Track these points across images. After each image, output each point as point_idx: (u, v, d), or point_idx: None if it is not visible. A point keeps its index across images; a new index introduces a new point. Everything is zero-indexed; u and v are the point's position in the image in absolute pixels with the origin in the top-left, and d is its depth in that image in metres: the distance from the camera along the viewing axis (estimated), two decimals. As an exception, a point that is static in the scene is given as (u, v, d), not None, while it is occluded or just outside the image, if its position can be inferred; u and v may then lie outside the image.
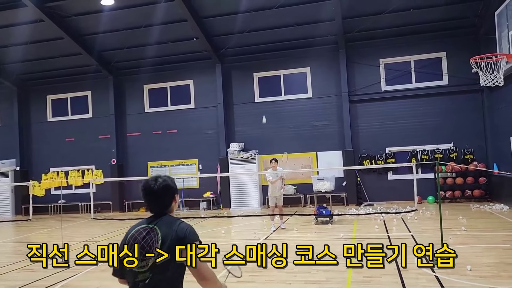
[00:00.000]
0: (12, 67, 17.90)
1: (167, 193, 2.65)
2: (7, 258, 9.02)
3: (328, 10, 14.05)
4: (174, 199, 2.70)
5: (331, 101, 15.88)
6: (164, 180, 2.65)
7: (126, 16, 14.72)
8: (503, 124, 13.11)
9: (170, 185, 2.66)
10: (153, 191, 2.61)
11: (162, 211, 2.65)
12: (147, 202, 2.65)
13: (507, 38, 11.04)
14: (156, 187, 2.60)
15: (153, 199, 2.63)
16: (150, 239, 2.48)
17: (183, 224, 2.59)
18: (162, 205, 2.65)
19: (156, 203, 2.64)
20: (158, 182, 2.62)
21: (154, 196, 2.62)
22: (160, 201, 2.64)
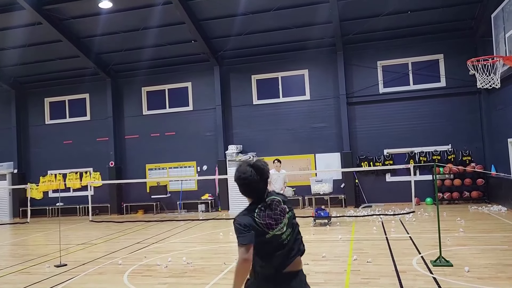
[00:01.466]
0: (10, 70, 17.88)
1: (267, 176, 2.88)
2: (5, 261, 8.99)
3: (326, 13, 14.10)
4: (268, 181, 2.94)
5: (329, 103, 15.91)
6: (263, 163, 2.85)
7: (124, 19, 14.74)
8: (500, 125, 13.16)
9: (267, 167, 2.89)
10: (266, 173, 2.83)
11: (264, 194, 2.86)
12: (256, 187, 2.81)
13: (503, 40, 11.10)
14: (267, 169, 2.84)
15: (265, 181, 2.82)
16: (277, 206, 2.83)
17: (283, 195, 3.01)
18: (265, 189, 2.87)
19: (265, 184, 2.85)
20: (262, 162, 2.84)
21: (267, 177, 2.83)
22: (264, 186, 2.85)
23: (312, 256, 7.67)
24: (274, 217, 2.79)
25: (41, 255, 9.38)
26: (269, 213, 2.79)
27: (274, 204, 2.83)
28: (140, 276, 6.96)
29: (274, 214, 2.80)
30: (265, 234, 2.76)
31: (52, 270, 7.76)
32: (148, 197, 17.17)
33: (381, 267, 6.70)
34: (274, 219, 2.79)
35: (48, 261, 8.61)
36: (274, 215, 2.80)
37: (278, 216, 2.81)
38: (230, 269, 7.04)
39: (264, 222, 2.76)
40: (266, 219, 2.77)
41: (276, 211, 2.81)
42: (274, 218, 2.79)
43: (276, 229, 2.78)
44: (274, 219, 2.79)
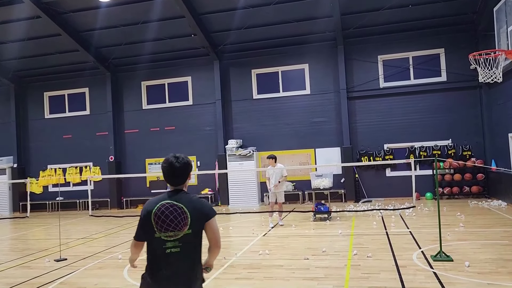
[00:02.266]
0: (9, 64, 17.80)
1: (186, 170, 3.02)
2: (5, 256, 9.00)
3: (326, 7, 14.02)
4: (189, 176, 3.07)
5: (329, 97, 15.86)
6: (184, 158, 3.02)
7: (124, 13, 14.65)
8: (501, 120, 13.12)
9: (189, 162, 3.04)
10: (176, 168, 2.95)
11: (181, 185, 3.01)
12: (168, 178, 2.99)
13: (505, 34, 11.04)
14: (179, 164, 2.96)
15: (175, 175, 2.97)
16: (179, 215, 2.84)
17: (203, 201, 3.02)
18: (181, 180, 3.00)
19: (177, 178, 2.99)
20: (180, 159, 2.98)
21: (177, 173, 2.97)
22: (180, 177, 2.99)
23: (312, 251, 7.67)
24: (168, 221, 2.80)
25: (41, 249, 9.39)
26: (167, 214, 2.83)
27: (175, 207, 2.84)
28: (140, 271, 6.90)
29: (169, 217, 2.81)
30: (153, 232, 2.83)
31: (52, 265, 7.76)
32: (148, 192, 17.17)
33: (381, 262, 6.70)
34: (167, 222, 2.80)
35: (48, 255, 8.61)
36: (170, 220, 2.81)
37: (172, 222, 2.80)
38: (230, 263, 7.03)
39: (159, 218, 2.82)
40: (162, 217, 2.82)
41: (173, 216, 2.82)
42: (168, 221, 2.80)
43: (163, 233, 2.80)
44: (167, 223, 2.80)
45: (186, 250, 2.82)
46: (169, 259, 2.80)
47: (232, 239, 9.71)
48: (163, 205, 2.87)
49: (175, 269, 2.80)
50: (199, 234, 2.90)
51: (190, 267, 2.84)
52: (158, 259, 2.84)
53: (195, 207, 2.88)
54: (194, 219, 2.84)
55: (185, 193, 3.00)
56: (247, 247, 8.40)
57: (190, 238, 2.83)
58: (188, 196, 2.95)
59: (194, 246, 2.88)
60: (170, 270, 2.79)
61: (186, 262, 2.82)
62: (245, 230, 10.65)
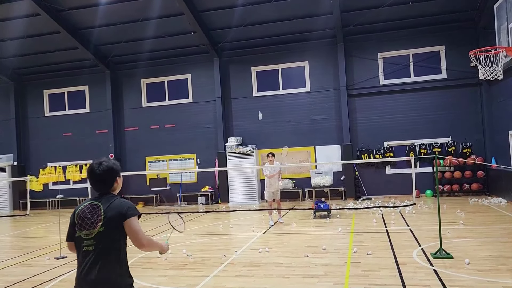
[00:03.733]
0: (9, 62, 17.77)
1: (110, 176, 2.94)
2: (5, 253, 9.00)
3: (326, 4, 13.99)
4: (116, 181, 2.99)
5: (330, 95, 15.84)
6: (107, 164, 2.94)
7: (123, 10, 14.62)
8: (501, 117, 13.10)
9: (112, 168, 2.95)
10: (96, 174, 2.91)
11: (105, 190, 2.95)
12: (91, 184, 2.96)
13: (506, 31, 11.02)
14: (99, 171, 2.91)
15: (97, 180, 2.93)
16: (95, 213, 2.83)
17: (122, 200, 2.92)
18: (105, 186, 2.95)
19: (99, 184, 2.94)
20: (102, 165, 2.92)
21: (97, 178, 2.92)
22: (103, 183, 2.94)
23: (312, 249, 7.67)
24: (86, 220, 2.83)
25: (41, 247, 9.39)
26: (86, 213, 2.85)
27: (93, 206, 2.86)
28: (140, 268, 6.95)
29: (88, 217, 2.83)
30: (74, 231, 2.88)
31: (52, 262, 7.77)
32: (148, 190, 17.17)
33: (381, 259, 6.70)
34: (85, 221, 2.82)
35: (48, 253, 8.62)
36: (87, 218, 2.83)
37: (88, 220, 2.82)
38: (230, 261, 7.03)
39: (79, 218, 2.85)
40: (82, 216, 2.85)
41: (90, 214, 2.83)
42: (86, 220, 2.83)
43: (82, 232, 2.82)
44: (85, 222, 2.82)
45: (100, 248, 2.77)
46: (85, 257, 2.78)
47: (232, 237, 9.71)
48: (86, 206, 2.89)
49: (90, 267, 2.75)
50: (115, 233, 2.81)
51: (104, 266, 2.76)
52: (79, 257, 2.84)
53: (112, 206, 2.84)
54: (108, 217, 2.79)
55: (110, 195, 2.94)
56: (247, 244, 8.40)
57: (103, 236, 2.77)
58: (110, 197, 2.91)
59: (109, 245, 2.80)
60: (86, 268, 2.76)
61: (100, 261, 2.76)
62: (245, 228, 10.66)
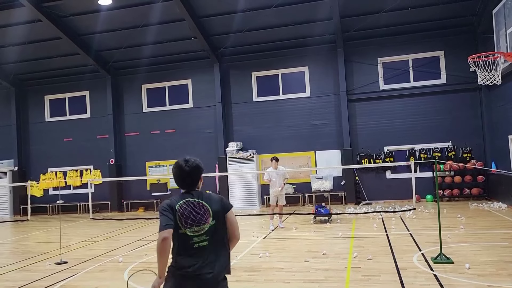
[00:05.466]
0: (10, 67, 17.84)
1: (197, 174, 3.06)
2: (6, 259, 9.01)
3: (326, 9, 14.06)
4: (201, 179, 3.11)
5: (330, 100, 15.88)
6: (194, 161, 3.06)
7: (124, 16, 14.70)
8: (501, 122, 13.13)
9: (199, 165, 3.08)
10: (185, 171, 3.00)
11: (193, 187, 3.05)
12: (179, 182, 3.03)
13: (504, 36, 11.06)
14: (188, 168, 3.01)
15: (186, 177, 3.01)
16: (200, 209, 2.91)
17: (214, 194, 3.12)
18: (193, 183, 3.04)
19: (189, 181, 3.03)
20: (189, 162, 3.03)
21: (187, 175, 3.00)
22: (192, 179, 3.04)
23: (312, 253, 7.68)
24: (192, 216, 2.86)
25: (41, 252, 9.39)
26: (190, 210, 2.89)
27: (195, 203, 2.93)
28: (139, 273, 6.95)
29: (194, 214, 2.87)
30: (178, 229, 2.85)
31: (52, 268, 7.77)
32: (149, 195, 17.17)
33: (381, 264, 6.70)
34: (191, 218, 2.86)
35: (48, 258, 8.62)
36: (193, 215, 2.87)
37: (197, 217, 2.87)
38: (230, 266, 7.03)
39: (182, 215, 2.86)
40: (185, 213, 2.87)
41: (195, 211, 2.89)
42: (191, 217, 2.86)
43: (189, 229, 2.84)
44: (191, 218, 2.86)
45: (215, 242, 2.90)
46: (199, 253, 2.84)
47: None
48: (184, 203, 2.92)
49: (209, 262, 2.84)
50: (223, 226, 2.97)
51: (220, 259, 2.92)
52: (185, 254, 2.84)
53: (213, 200, 2.98)
54: (215, 210, 2.93)
55: (198, 191, 3.06)
56: (247, 249, 8.41)
57: (216, 230, 2.91)
58: (202, 193, 3.04)
59: (221, 238, 2.96)
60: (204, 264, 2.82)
61: (217, 254, 2.90)
62: (246, 233, 10.65)
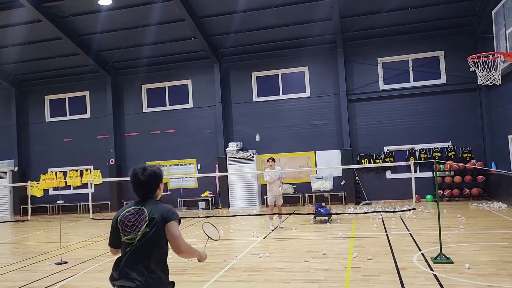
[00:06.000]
0: (10, 68, 17.85)
1: (154, 182, 3.00)
2: (5, 259, 9.01)
3: (326, 9, 14.06)
4: (159, 187, 3.06)
5: (329, 100, 15.89)
6: (151, 170, 2.99)
7: (124, 16, 14.70)
8: (501, 122, 13.14)
9: (156, 174, 3.01)
10: (141, 181, 2.95)
11: (148, 196, 2.99)
12: (135, 189, 2.99)
13: (504, 36, 11.07)
14: (144, 177, 2.95)
15: (141, 187, 2.96)
16: (139, 217, 2.88)
17: (165, 204, 2.98)
18: (148, 192, 2.99)
19: (143, 190, 2.98)
20: (146, 172, 2.96)
21: (142, 185, 2.96)
22: (147, 189, 2.98)
23: (312, 253, 7.68)
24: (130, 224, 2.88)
25: (41, 252, 9.39)
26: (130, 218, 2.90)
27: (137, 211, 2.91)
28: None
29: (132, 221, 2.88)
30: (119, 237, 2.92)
31: (52, 268, 7.77)
32: (149, 195, 17.15)
33: (381, 264, 6.70)
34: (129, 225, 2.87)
35: (48, 258, 8.62)
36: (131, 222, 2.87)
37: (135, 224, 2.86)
38: (230, 266, 7.04)
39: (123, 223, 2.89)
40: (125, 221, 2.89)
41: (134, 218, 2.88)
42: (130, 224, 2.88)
43: (126, 236, 2.87)
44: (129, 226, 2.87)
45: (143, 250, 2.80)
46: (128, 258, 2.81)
47: (233, 242, 9.72)
48: (128, 211, 2.92)
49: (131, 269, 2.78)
50: (159, 235, 2.83)
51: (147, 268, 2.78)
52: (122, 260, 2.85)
53: (156, 209, 2.88)
54: (152, 219, 2.83)
55: (152, 200, 2.99)
56: (247, 249, 8.41)
57: (149, 238, 2.80)
58: (153, 201, 2.96)
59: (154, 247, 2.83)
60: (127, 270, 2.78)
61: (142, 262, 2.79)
62: (246, 233, 10.66)
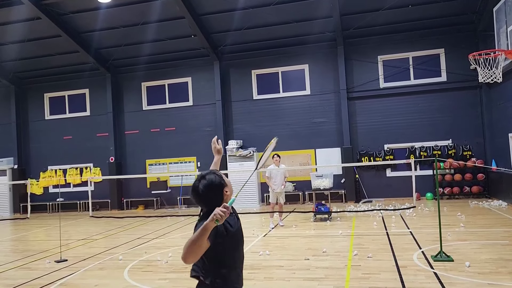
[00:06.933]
0: (9, 65, 17.83)
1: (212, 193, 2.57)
2: (5, 257, 9.00)
3: (326, 7, 14.03)
4: (222, 196, 2.61)
5: (329, 98, 15.86)
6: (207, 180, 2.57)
7: (124, 14, 14.67)
8: (501, 120, 13.12)
9: (212, 185, 2.56)
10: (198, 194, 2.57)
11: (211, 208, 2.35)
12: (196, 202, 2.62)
13: (505, 34, 11.05)
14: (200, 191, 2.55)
15: (199, 201, 2.59)
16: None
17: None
18: (210, 204, 2.49)
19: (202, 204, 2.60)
20: (202, 183, 2.56)
21: (199, 200, 2.58)
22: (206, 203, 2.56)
23: (312, 251, 7.67)
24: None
25: (41, 250, 9.39)
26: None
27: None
28: (140, 271, 6.96)
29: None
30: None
31: (52, 266, 7.76)
32: (149, 193, 17.17)
33: (381, 262, 6.69)
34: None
35: (48, 256, 8.61)
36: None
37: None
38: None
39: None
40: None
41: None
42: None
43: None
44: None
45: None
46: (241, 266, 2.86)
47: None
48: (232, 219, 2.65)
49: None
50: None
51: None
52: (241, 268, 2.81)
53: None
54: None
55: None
56: (247, 247, 8.41)
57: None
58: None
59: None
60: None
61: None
62: (246, 231, 10.60)
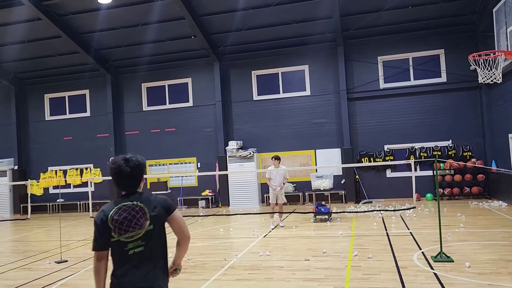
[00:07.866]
0: (9, 66, 17.83)
1: (139, 173, 2.79)
2: (6, 258, 9.00)
3: (326, 8, 14.04)
4: (142, 179, 2.84)
5: (330, 98, 15.87)
6: (136, 160, 2.79)
7: (124, 14, 14.67)
8: (501, 121, 13.12)
9: (140, 165, 2.80)
10: (126, 172, 2.72)
11: (135, 189, 2.79)
12: (118, 183, 2.76)
13: (505, 35, 11.06)
14: (129, 169, 2.73)
15: (126, 180, 2.74)
16: (137, 213, 2.68)
17: (158, 196, 2.83)
18: (134, 185, 2.78)
19: (128, 183, 2.77)
20: (131, 162, 2.75)
21: (126, 177, 2.74)
22: (132, 182, 2.77)
23: (312, 252, 7.68)
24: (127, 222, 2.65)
25: (41, 251, 9.39)
26: (125, 216, 2.67)
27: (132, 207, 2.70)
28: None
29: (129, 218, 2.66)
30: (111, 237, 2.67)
31: (52, 266, 7.77)
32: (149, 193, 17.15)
33: (381, 262, 6.70)
34: (126, 223, 2.65)
35: (48, 257, 8.62)
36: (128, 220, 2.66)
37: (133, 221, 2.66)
38: (230, 265, 7.03)
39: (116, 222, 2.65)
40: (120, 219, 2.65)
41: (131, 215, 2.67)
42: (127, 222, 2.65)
43: (124, 234, 2.65)
44: (126, 224, 2.65)
45: (150, 247, 2.69)
46: (132, 260, 2.66)
47: (233, 240, 9.71)
48: (119, 208, 2.69)
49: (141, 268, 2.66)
50: (161, 229, 2.76)
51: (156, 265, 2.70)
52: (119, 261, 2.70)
53: (153, 203, 2.74)
54: (154, 214, 2.71)
55: (139, 193, 2.81)
56: (247, 248, 8.41)
57: (152, 235, 2.70)
58: (144, 195, 2.80)
59: (159, 243, 2.75)
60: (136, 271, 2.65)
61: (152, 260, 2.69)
62: (246, 231, 10.66)
